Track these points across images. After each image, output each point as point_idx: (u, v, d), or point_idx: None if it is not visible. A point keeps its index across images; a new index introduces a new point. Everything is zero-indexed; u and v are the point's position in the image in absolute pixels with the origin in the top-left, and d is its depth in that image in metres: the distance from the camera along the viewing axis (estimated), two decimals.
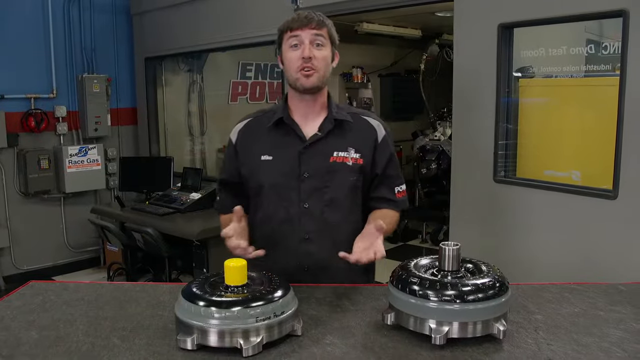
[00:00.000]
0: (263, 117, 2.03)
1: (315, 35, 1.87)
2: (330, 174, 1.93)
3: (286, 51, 1.91)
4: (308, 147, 1.93)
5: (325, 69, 1.90)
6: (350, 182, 1.95)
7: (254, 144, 1.99)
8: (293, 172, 1.93)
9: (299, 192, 1.93)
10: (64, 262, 6.00)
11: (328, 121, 1.95)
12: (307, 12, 1.91)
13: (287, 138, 1.95)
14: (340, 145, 1.95)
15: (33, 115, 5.53)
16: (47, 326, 1.58)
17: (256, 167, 1.96)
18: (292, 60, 1.88)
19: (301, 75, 1.87)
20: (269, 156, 1.94)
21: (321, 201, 1.93)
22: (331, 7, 4.20)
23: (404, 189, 2.06)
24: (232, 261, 1.47)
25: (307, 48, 1.85)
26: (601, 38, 2.98)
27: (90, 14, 5.93)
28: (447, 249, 1.48)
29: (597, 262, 2.86)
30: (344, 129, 1.97)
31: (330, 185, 1.93)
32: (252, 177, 1.99)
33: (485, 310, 1.38)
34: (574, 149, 3.15)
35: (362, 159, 1.96)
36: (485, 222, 3.35)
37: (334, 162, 1.93)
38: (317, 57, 1.86)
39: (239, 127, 2.05)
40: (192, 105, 6.48)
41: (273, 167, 1.94)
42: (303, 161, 1.92)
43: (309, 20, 1.86)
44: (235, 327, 1.37)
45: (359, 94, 7.78)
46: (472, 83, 3.36)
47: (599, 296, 1.74)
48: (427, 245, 6.71)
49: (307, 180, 1.92)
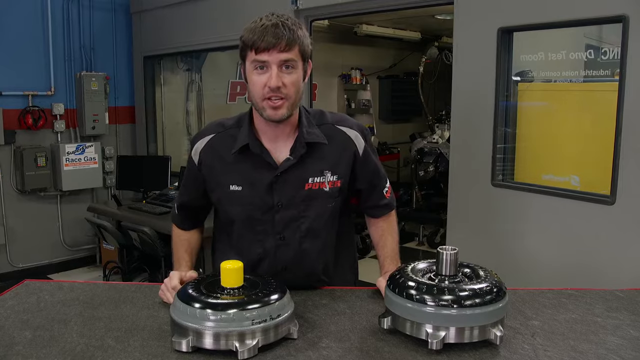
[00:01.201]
0: (225, 136, 1.79)
1: (284, 60, 1.61)
2: (306, 203, 1.76)
3: (250, 71, 1.66)
4: (280, 175, 1.74)
5: (297, 94, 1.66)
6: (328, 210, 1.81)
7: (219, 170, 1.79)
8: (266, 203, 1.75)
9: (274, 224, 1.77)
10: (60, 260, 5.98)
11: (299, 145, 1.74)
12: (274, 21, 1.62)
13: (256, 165, 1.74)
14: (315, 170, 1.76)
15: (31, 113, 5.51)
16: (41, 326, 1.56)
17: (225, 197, 1.80)
18: (256, 84, 1.64)
19: (267, 106, 1.64)
20: (238, 186, 1.76)
21: (298, 231, 1.79)
22: (331, 9, 4.20)
23: (389, 185, 1.95)
24: (228, 263, 1.46)
25: (274, 76, 1.60)
26: (600, 43, 2.99)
27: (89, 12, 5.92)
28: (445, 254, 1.47)
29: (594, 268, 2.86)
30: (318, 150, 1.76)
31: (307, 215, 1.78)
32: (222, 207, 1.85)
33: (483, 316, 1.38)
34: (573, 153, 3.15)
35: (340, 180, 1.79)
36: (482, 226, 3.35)
37: (309, 190, 1.76)
38: (286, 85, 1.62)
39: (199, 147, 1.81)
40: (190, 105, 6.47)
41: (243, 199, 1.76)
42: (276, 190, 1.74)
43: (278, 41, 1.58)
44: (230, 330, 1.36)
45: (357, 96, 7.80)
46: (471, 86, 3.36)
47: (596, 302, 1.74)
48: (424, 248, 6.70)
49: (281, 211, 1.76)
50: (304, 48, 1.66)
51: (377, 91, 8.03)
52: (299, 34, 1.64)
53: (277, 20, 1.62)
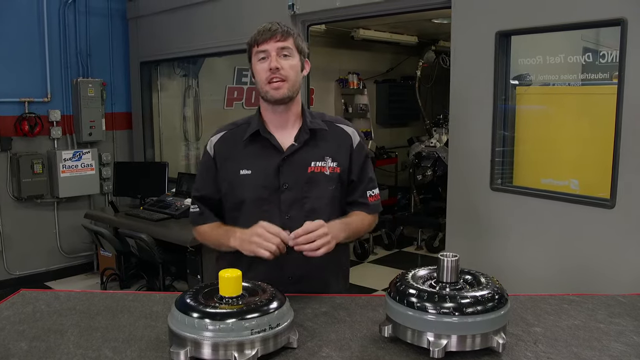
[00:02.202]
0: (237, 130, 2.02)
1: (281, 48, 1.88)
2: (309, 185, 1.94)
3: (255, 64, 1.93)
4: (286, 159, 1.94)
5: (295, 77, 1.92)
6: (329, 192, 1.96)
7: (232, 158, 1.99)
8: (272, 184, 1.93)
9: (279, 203, 1.93)
10: (57, 268, 5.95)
11: (303, 131, 1.97)
12: (271, 24, 1.91)
13: (264, 150, 1.95)
14: (317, 155, 1.96)
15: (27, 119, 5.49)
16: (37, 337, 1.54)
17: (236, 182, 1.96)
18: (260, 72, 1.91)
19: (270, 87, 1.89)
20: (248, 170, 1.94)
21: (302, 211, 1.92)
22: (327, 13, 4.19)
23: (376, 192, 2.06)
24: (226, 272, 1.44)
25: (273, 59, 1.87)
26: (599, 46, 2.98)
27: (85, 18, 5.90)
28: (446, 260, 1.45)
29: (594, 271, 2.84)
30: (319, 138, 1.98)
31: (310, 196, 1.94)
32: (232, 192, 1.98)
33: (485, 323, 1.36)
34: (572, 157, 3.14)
35: (339, 167, 1.97)
36: (481, 231, 3.33)
37: (312, 173, 1.95)
38: (284, 67, 1.88)
39: (214, 141, 2.03)
40: (187, 110, 6.46)
41: (253, 181, 1.94)
42: (282, 173, 1.93)
43: (273, 33, 1.88)
44: (229, 340, 1.34)
45: (354, 100, 7.79)
46: (469, 90, 3.35)
47: (598, 308, 1.72)
48: (423, 252, 6.69)
49: (286, 192, 1.93)
50: (298, 42, 1.94)
51: (375, 95, 8.03)
52: (292, 30, 1.95)
53: (274, 24, 1.93)
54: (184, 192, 5.23)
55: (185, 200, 5.08)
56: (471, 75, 3.33)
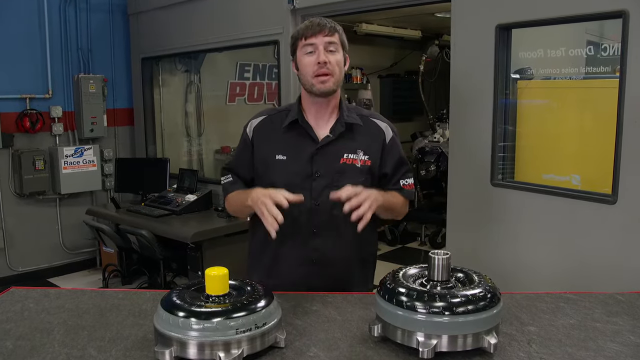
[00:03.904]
0: (277, 116, 2.11)
1: (328, 42, 1.96)
2: (340, 174, 2.00)
3: (301, 57, 2.00)
4: (320, 149, 2.02)
5: (340, 72, 1.99)
6: (359, 183, 1.95)
7: (269, 142, 2.07)
8: (305, 171, 2.01)
9: (311, 190, 2.00)
10: (60, 264, 5.94)
11: (339, 124, 2.04)
12: (318, 19, 2.00)
13: (300, 139, 2.03)
14: (350, 148, 2.03)
15: (28, 116, 5.47)
16: (23, 336, 1.53)
17: (271, 165, 2.04)
18: (307, 65, 1.97)
19: (317, 81, 1.96)
20: (283, 156, 2.02)
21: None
22: (329, 7, 4.15)
23: (410, 182, 2.12)
24: (213, 269, 1.42)
25: (321, 53, 1.94)
26: (601, 39, 2.93)
27: (86, 14, 5.86)
28: (437, 258, 1.42)
29: (595, 269, 2.80)
30: (354, 132, 2.06)
31: (339, 185, 1.93)
32: (265, 174, 2.05)
33: (476, 323, 1.33)
34: (573, 152, 3.09)
35: (370, 161, 2.04)
36: (482, 227, 3.29)
37: (343, 164, 2.02)
38: (331, 62, 1.95)
39: (254, 123, 2.11)
40: (189, 106, 6.43)
41: (287, 167, 2.02)
42: (315, 161, 2.01)
43: (321, 28, 1.96)
44: (214, 339, 1.32)
45: (358, 95, 7.73)
46: (469, 84, 3.30)
47: (595, 306, 1.68)
48: (426, 248, 6.64)
49: (318, 179, 2.01)
50: (343, 38, 2.03)
51: (378, 90, 7.97)
52: (338, 27, 2.02)
53: (320, 19, 2.02)
54: (185, 188, 5.21)
55: (186, 196, 5.07)
56: (471, 69, 3.28)
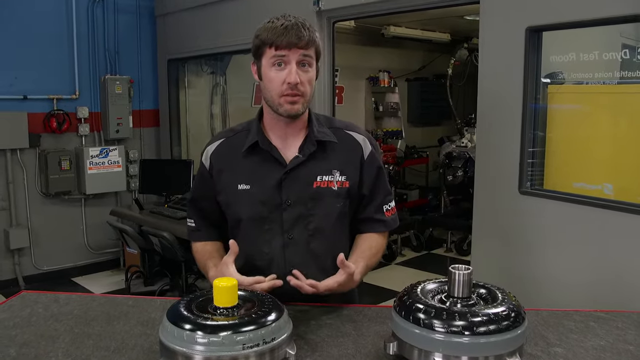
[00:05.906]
0: (235, 138, 1.82)
1: (303, 56, 1.66)
2: (314, 201, 1.75)
3: (267, 69, 1.69)
4: (289, 173, 1.74)
5: (311, 91, 1.71)
6: (336, 209, 1.78)
7: (229, 171, 1.80)
8: (273, 201, 1.75)
9: (282, 222, 1.75)
10: (84, 264, 5.99)
11: (309, 142, 1.76)
12: (293, 22, 1.66)
13: (265, 163, 1.76)
14: (324, 169, 1.76)
15: (55, 116, 5.53)
16: (27, 343, 1.49)
17: (233, 197, 1.78)
18: (274, 81, 1.68)
19: (284, 100, 1.68)
20: (247, 185, 1.76)
21: (306, 231, 1.76)
22: (355, 9, 4.08)
23: (393, 206, 1.89)
24: (222, 280, 1.36)
25: (293, 72, 1.65)
26: (637, 42, 2.80)
27: (114, 15, 5.92)
28: (457, 274, 1.33)
29: (629, 285, 2.66)
30: (327, 150, 1.78)
31: (315, 214, 1.76)
32: (230, 208, 1.81)
33: (498, 344, 1.24)
34: (606, 160, 2.96)
35: (348, 181, 1.78)
36: (508, 236, 3.18)
37: (317, 188, 1.75)
38: (303, 82, 1.67)
39: (210, 151, 1.84)
40: (214, 108, 6.43)
41: (252, 197, 1.75)
42: (284, 188, 1.74)
43: (298, 39, 1.64)
44: (220, 355, 1.25)
45: (385, 99, 7.67)
46: (498, 89, 3.20)
47: (628, 327, 1.58)
48: (452, 255, 6.52)
49: (289, 209, 1.75)
50: (319, 49, 1.73)
51: (406, 94, 7.88)
52: (316, 35, 1.71)
53: (295, 21, 1.68)
54: None
55: None
56: (500, 73, 3.17)
